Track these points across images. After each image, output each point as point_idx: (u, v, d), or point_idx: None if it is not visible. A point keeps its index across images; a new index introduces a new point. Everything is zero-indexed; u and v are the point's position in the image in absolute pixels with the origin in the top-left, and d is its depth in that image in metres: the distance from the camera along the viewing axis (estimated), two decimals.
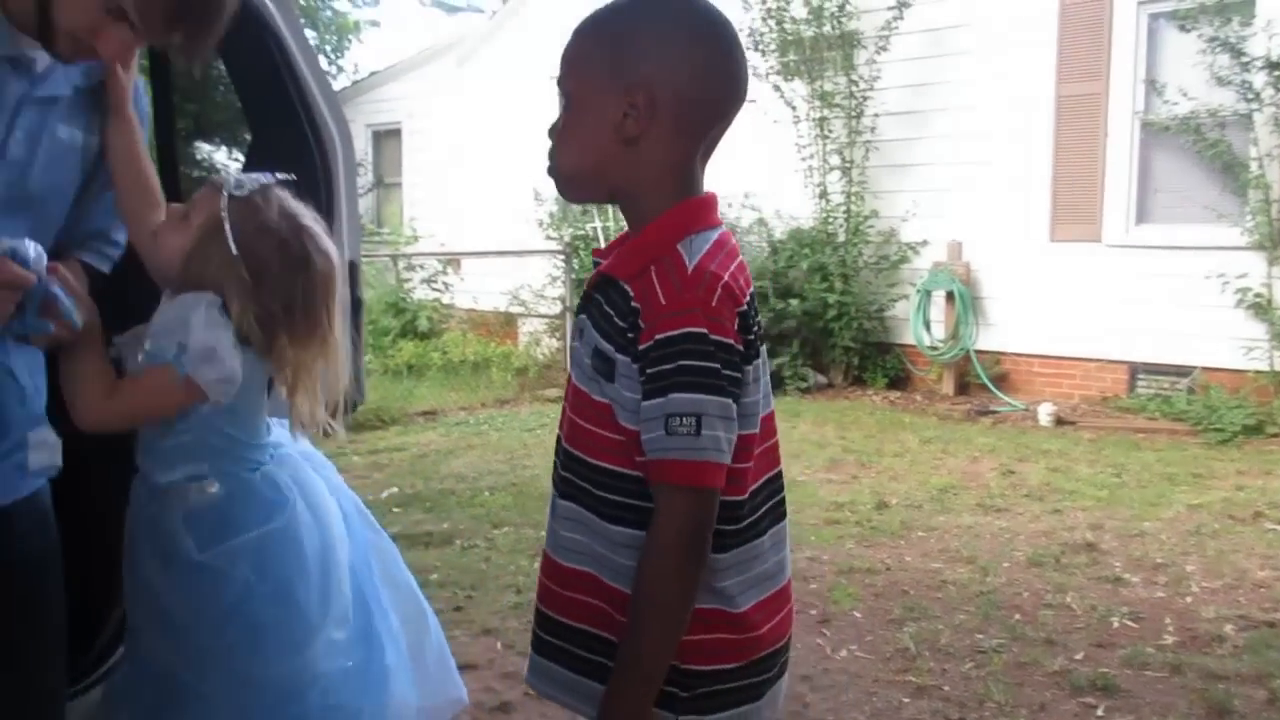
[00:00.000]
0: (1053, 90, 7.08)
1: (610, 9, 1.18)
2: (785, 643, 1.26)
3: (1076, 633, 3.27)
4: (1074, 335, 7.08)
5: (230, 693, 1.53)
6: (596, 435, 1.17)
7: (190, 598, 1.52)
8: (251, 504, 1.55)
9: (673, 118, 1.14)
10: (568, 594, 1.21)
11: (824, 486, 5.10)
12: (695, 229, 1.15)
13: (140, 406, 1.49)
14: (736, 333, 1.11)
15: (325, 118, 2.08)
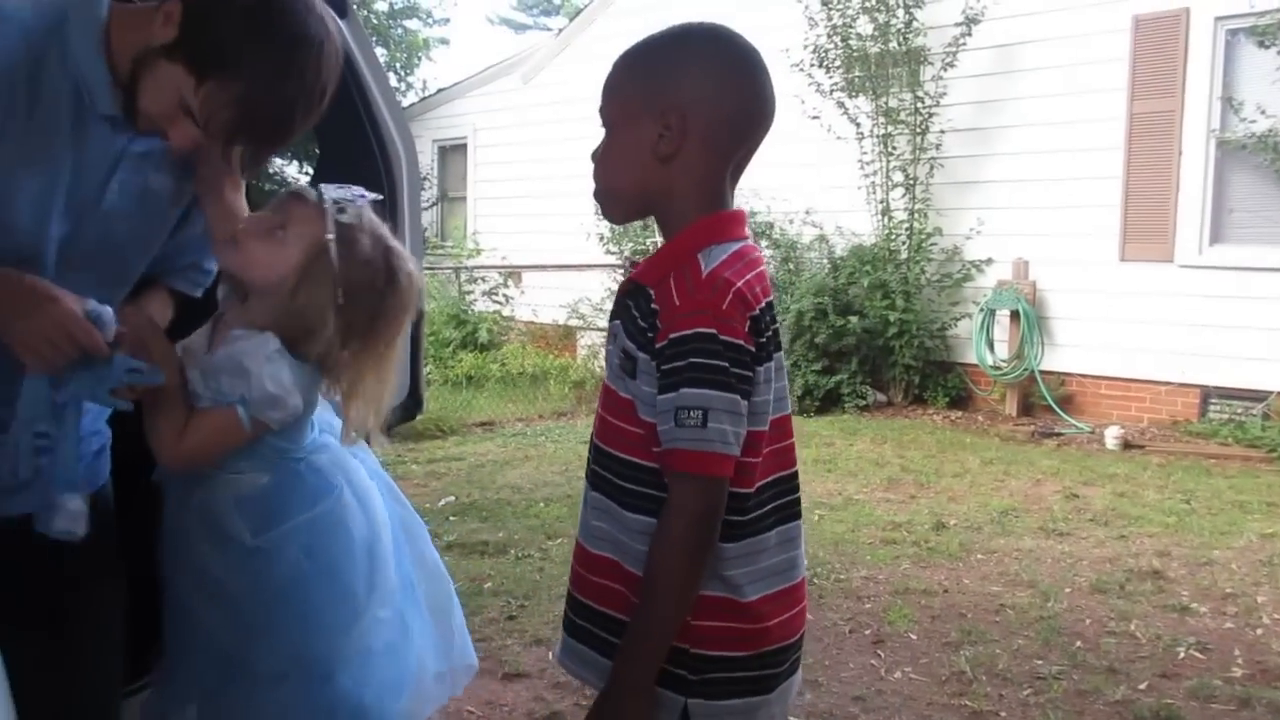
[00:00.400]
0: (1125, 107, 6.95)
1: (646, 42, 1.28)
2: (797, 639, 1.32)
3: (1140, 662, 3.18)
4: (1143, 357, 6.91)
5: (283, 670, 1.58)
6: (620, 429, 1.25)
7: (244, 579, 1.57)
8: (299, 490, 1.60)
9: (703, 137, 1.23)
10: (594, 578, 1.29)
11: (881, 505, 5.04)
12: (716, 240, 1.23)
13: (211, 445, 1.53)
14: (747, 334, 1.18)
15: (391, 133, 2.13)
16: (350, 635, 1.61)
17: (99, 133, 1.43)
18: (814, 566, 4.05)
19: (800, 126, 8.08)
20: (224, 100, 1.35)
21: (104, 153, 1.44)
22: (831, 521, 4.73)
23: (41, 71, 1.37)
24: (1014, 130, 7.44)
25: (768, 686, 1.27)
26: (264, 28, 1.37)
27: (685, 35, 1.27)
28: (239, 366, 1.51)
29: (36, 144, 1.38)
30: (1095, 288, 7.14)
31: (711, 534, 1.19)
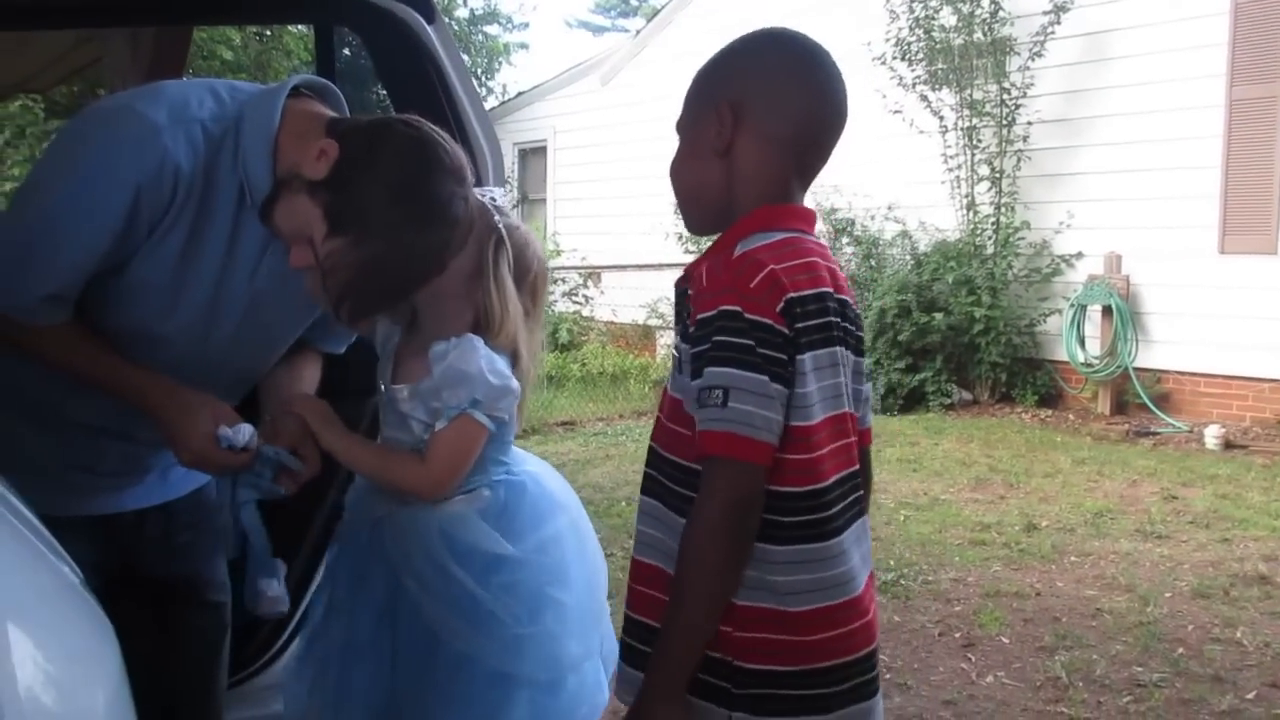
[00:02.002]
0: (1224, 94, 6.68)
1: (716, 52, 1.28)
2: (859, 658, 1.21)
3: (1248, 670, 3.06)
4: (1245, 353, 6.63)
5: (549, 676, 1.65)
6: (671, 430, 1.22)
7: (502, 591, 1.62)
8: (528, 503, 1.70)
9: (758, 129, 1.21)
10: (644, 590, 1.23)
11: (969, 506, 4.94)
12: (762, 229, 1.19)
13: (460, 457, 1.62)
14: (779, 315, 1.12)
15: (478, 137, 2.16)
16: (597, 632, 1.70)
17: (253, 224, 1.48)
18: (900, 568, 3.98)
19: (882, 121, 7.97)
20: (348, 261, 1.40)
21: (256, 241, 1.50)
22: (918, 522, 4.65)
23: (215, 171, 1.43)
24: (1105, 120, 7.21)
25: (823, 706, 1.18)
26: (407, 206, 1.39)
27: (748, 37, 1.27)
28: (459, 374, 1.58)
29: (203, 229, 1.45)
30: (1192, 282, 6.87)
31: (743, 524, 1.12)
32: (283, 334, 1.64)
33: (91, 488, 1.59)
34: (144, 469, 1.63)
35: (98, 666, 0.73)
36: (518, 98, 13.16)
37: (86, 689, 0.70)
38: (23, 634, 0.66)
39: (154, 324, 1.48)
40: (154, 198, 1.38)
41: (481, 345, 1.61)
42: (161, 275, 1.44)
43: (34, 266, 1.38)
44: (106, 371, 1.46)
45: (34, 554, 0.85)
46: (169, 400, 1.47)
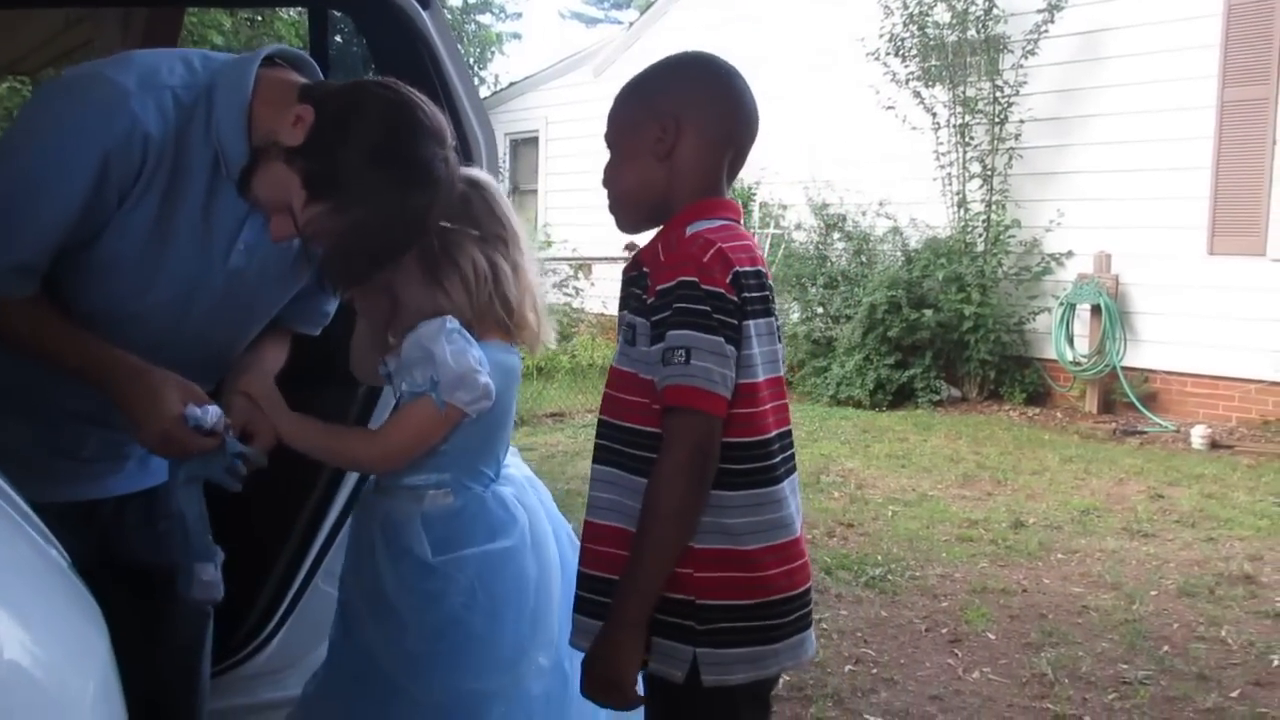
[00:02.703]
0: (1216, 95, 6.69)
1: (640, 74, 1.44)
2: (800, 593, 1.37)
3: (1232, 669, 3.07)
4: (1233, 354, 6.66)
5: (437, 700, 1.59)
6: (625, 401, 1.35)
7: (416, 599, 1.59)
8: (482, 519, 1.64)
9: (697, 135, 1.37)
10: (601, 549, 1.35)
11: (956, 502, 4.95)
12: (704, 217, 1.35)
13: (412, 440, 1.59)
14: (729, 285, 1.27)
15: (473, 125, 2.14)
16: (510, 675, 1.61)
17: (229, 196, 1.46)
18: (888, 563, 3.99)
19: (874, 117, 7.97)
20: (329, 226, 1.38)
21: (232, 215, 1.48)
22: (905, 518, 4.65)
23: (187, 138, 1.41)
24: (1097, 119, 7.23)
25: (774, 637, 1.33)
26: (387, 169, 1.37)
27: (671, 62, 1.44)
28: (424, 352, 1.55)
29: (175, 200, 1.42)
30: (1181, 282, 6.90)
31: (703, 469, 1.26)
32: (260, 312, 1.62)
33: (73, 474, 1.57)
34: (124, 455, 1.62)
35: (87, 651, 0.72)
36: (510, 88, 13.12)
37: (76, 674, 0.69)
38: (11, 618, 0.65)
39: (128, 301, 1.45)
40: (123, 164, 1.36)
41: (451, 325, 1.56)
42: (133, 248, 1.42)
43: (2, 234, 1.36)
44: (73, 349, 1.42)
45: (22, 537, 0.84)
46: (136, 379, 1.44)
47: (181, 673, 1.76)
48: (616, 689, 1.29)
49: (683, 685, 1.29)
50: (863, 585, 3.76)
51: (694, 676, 1.29)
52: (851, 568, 3.92)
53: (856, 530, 4.45)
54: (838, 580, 3.81)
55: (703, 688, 1.29)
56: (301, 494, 2.19)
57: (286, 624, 2.16)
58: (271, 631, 2.17)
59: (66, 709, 0.64)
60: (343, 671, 1.67)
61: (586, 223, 11.03)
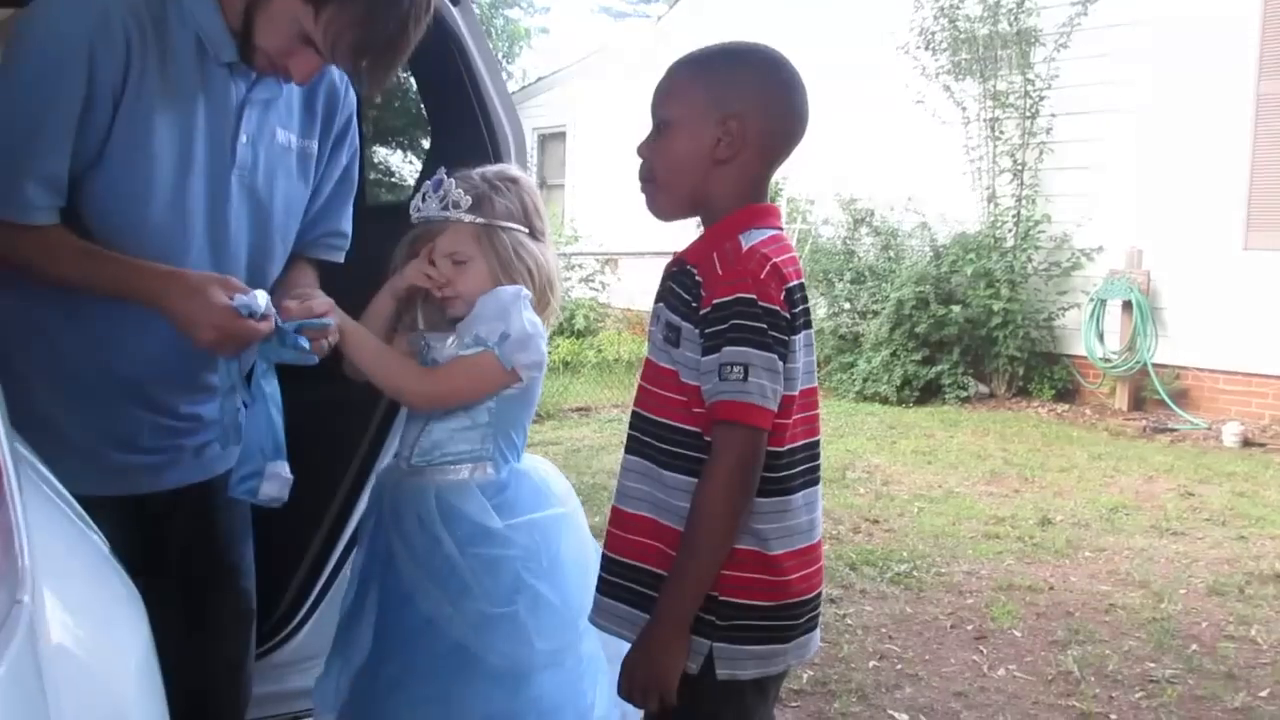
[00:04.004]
0: (1252, 88, 6.60)
1: (705, 54, 1.42)
2: (814, 596, 1.41)
3: (1262, 668, 3.04)
4: (1266, 350, 6.57)
5: (507, 662, 1.63)
6: (662, 397, 1.37)
7: (481, 564, 1.64)
8: (528, 488, 1.72)
9: (758, 146, 1.38)
10: (630, 537, 1.39)
11: (983, 499, 4.93)
12: (755, 225, 1.37)
13: (465, 387, 1.68)
14: (783, 302, 1.31)
15: (502, 122, 2.16)
16: (571, 634, 1.66)
17: (221, 82, 1.50)
18: (913, 559, 3.98)
19: (904, 112, 7.92)
20: (345, 23, 1.42)
21: (227, 102, 1.52)
22: (931, 514, 4.64)
23: (164, 25, 1.45)
24: (1129, 113, 7.14)
25: (786, 637, 1.38)
26: None
27: (741, 52, 1.42)
28: (501, 308, 1.65)
29: (172, 90, 1.46)
30: (1215, 277, 6.81)
31: (751, 481, 1.30)
32: (278, 217, 1.63)
33: (126, 466, 1.58)
34: (180, 446, 1.63)
35: (128, 633, 0.75)
36: (538, 82, 13.16)
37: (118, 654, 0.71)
38: (56, 598, 0.67)
39: (150, 213, 1.47)
40: (108, 54, 1.39)
41: (527, 294, 1.68)
42: (144, 152, 1.44)
43: (15, 153, 1.39)
44: (103, 270, 1.44)
45: (66, 520, 0.86)
46: (173, 281, 1.45)
47: (228, 670, 1.78)
48: (665, 688, 1.32)
49: (695, 676, 1.33)
50: (888, 581, 3.76)
51: (708, 669, 1.33)
52: (877, 563, 3.92)
53: (882, 526, 4.44)
54: (862, 576, 3.81)
55: (715, 681, 1.33)
56: (333, 481, 2.22)
57: (316, 612, 2.20)
58: (302, 620, 2.20)
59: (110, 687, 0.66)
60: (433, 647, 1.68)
61: (613, 218, 11.05)
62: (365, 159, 7.49)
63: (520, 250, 1.72)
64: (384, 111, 12.25)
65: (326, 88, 1.67)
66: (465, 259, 1.70)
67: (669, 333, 1.35)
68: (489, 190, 1.72)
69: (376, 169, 13.73)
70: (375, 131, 12.64)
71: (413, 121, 12.13)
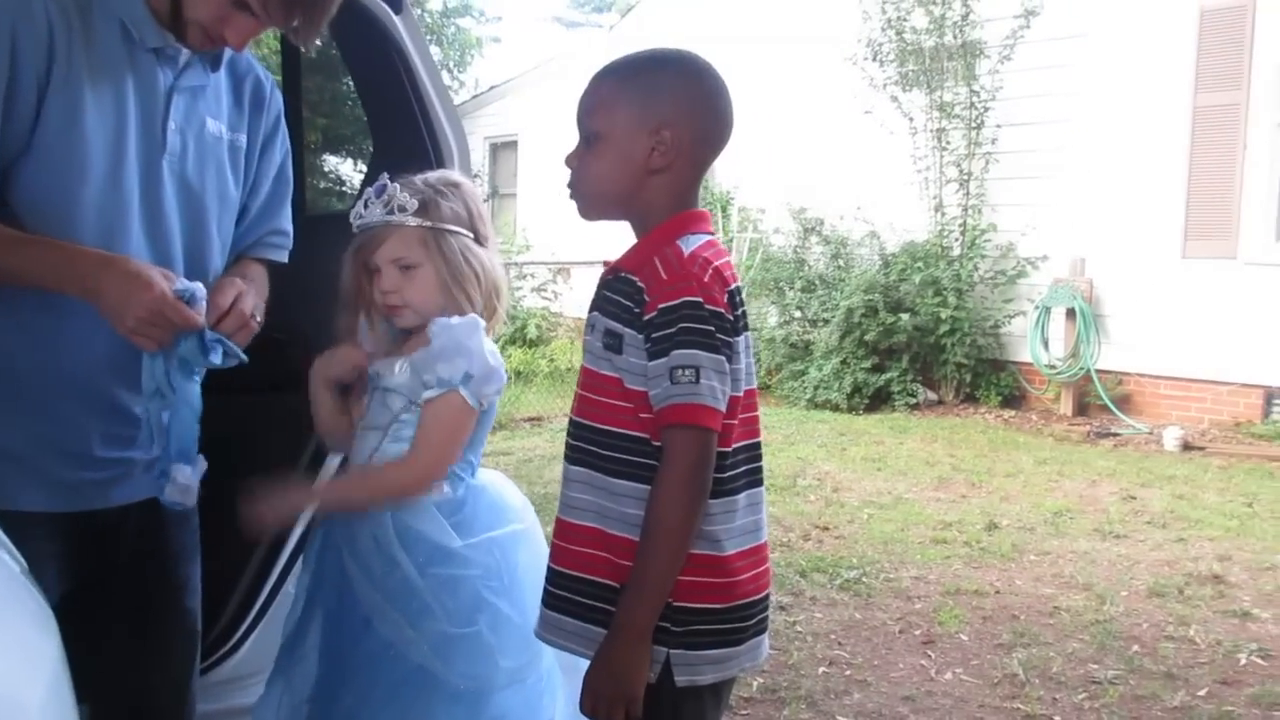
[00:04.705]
0: (1189, 100, 6.78)
1: (630, 64, 1.43)
2: (763, 597, 1.41)
3: (1200, 668, 3.11)
4: (1205, 357, 6.74)
5: (470, 682, 1.60)
6: (606, 404, 1.37)
7: (440, 584, 1.60)
8: (485, 505, 1.69)
9: (690, 153, 1.39)
10: (576, 549, 1.38)
11: (931, 505, 4.98)
12: (691, 231, 1.38)
13: (450, 439, 1.64)
14: (726, 304, 1.32)
15: (445, 130, 2.15)
16: (532, 651, 1.62)
17: (148, 68, 1.49)
18: (863, 566, 4.02)
19: (852, 122, 8.01)
20: None
21: (155, 89, 1.50)
22: (881, 520, 4.68)
23: (88, 12, 1.44)
24: (1071, 124, 7.30)
25: (738, 639, 1.37)
26: None
27: (666, 60, 1.43)
28: (459, 346, 1.61)
29: (100, 75, 1.44)
30: (1155, 285, 6.98)
31: (706, 483, 1.30)
32: (212, 207, 1.60)
33: (76, 481, 1.54)
34: (130, 460, 1.58)
35: (35, 658, 0.72)
36: (490, 91, 13.11)
37: (22, 681, 0.69)
38: None
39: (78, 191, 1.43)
40: (29, 38, 1.38)
41: (482, 325, 1.66)
42: (72, 135, 1.42)
43: None
44: (33, 255, 1.40)
45: None
46: (114, 264, 1.41)
47: (172, 689, 1.74)
48: (632, 700, 1.31)
49: (654, 685, 1.32)
50: (838, 588, 3.78)
51: (666, 677, 1.32)
52: (827, 570, 3.94)
53: (832, 533, 4.48)
54: (813, 583, 3.83)
55: (674, 688, 1.32)
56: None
57: (257, 629, 2.16)
58: (242, 636, 2.16)
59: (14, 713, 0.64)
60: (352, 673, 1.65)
61: (565, 227, 11.04)
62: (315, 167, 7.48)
63: (468, 255, 1.69)
64: (334, 119, 12.14)
65: (252, 82, 1.66)
66: (412, 264, 1.66)
67: (609, 340, 1.35)
68: (434, 194, 1.69)
69: (327, 177, 13.60)
70: (325, 139, 12.52)
71: (363, 129, 12.02)
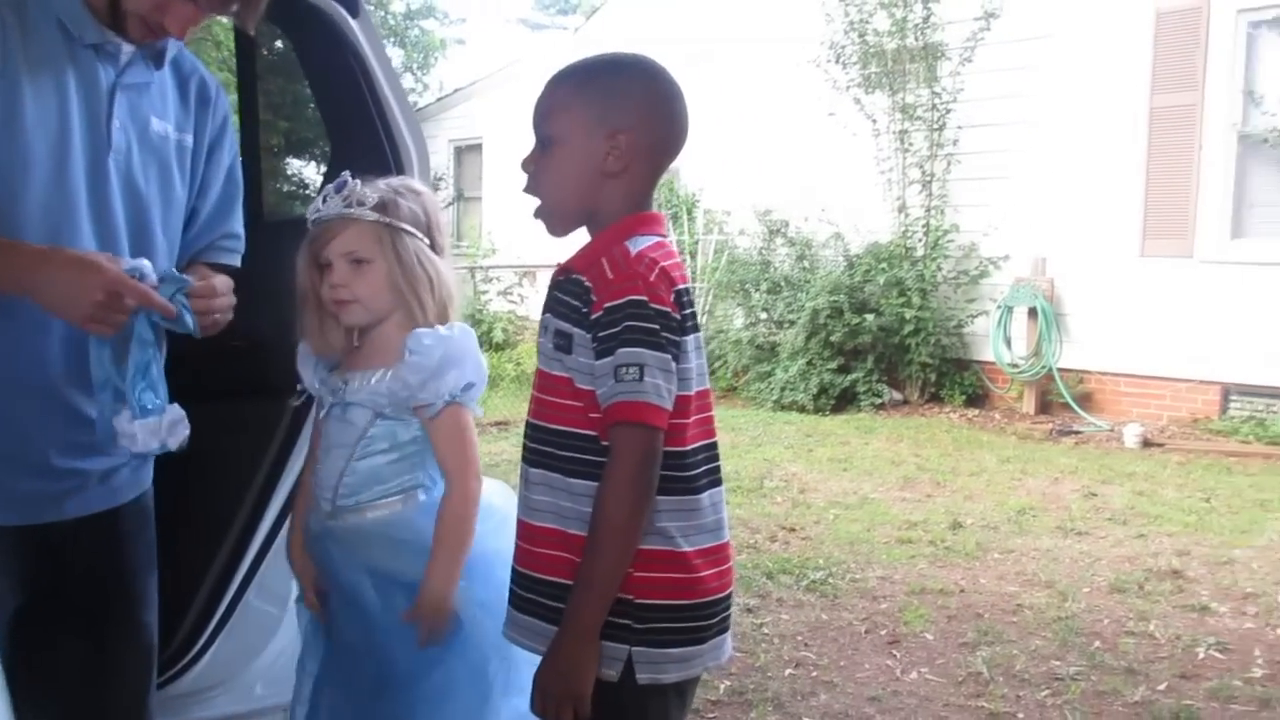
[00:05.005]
0: (1146, 101, 6.88)
1: (585, 68, 1.44)
2: (726, 596, 1.41)
3: (1160, 663, 3.15)
4: (1163, 354, 6.85)
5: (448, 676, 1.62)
6: (558, 405, 1.38)
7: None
8: None
9: (646, 157, 1.40)
10: (538, 550, 1.38)
11: (897, 504, 5.02)
12: (640, 232, 1.38)
13: (472, 453, 1.65)
14: (673, 304, 1.33)
15: (404, 134, 2.13)
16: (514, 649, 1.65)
17: (89, 65, 1.47)
18: (829, 566, 4.03)
19: (816, 124, 8.06)
20: None
21: (97, 86, 1.48)
22: (847, 521, 4.71)
23: (24, 9, 1.41)
24: (1032, 125, 7.38)
25: (701, 638, 1.37)
26: None
27: (621, 64, 1.44)
28: (461, 354, 1.63)
29: (40, 72, 1.42)
30: (1114, 284, 7.08)
31: (651, 480, 1.30)
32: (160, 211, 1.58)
33: (30, 493, 1.50)
34: (85, 472, 1.55)
35: None
36: (454, 94, 13.04)
37: None
38: None
39: (21, 188, 1.41)
40: None
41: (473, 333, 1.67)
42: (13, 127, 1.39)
43: None
44: None
45: None
46: (55, 254, 1.38)
47: (129, 705, 1.71)
48: (579, 699, 1.31)
49: (616, 684, 1.32)
50: (804, 589, 3.80)
51: (628, 675, 1.32)
52: (793, 571, 3.96)
53: (798, 534, 4.49)
54: (779, 584, 3.84)
55: (636, 686, 1.32)
56: (233, 506, 2.16)
57: (216, 642, 2.13)
58: (201, 649, 2.13)
59: None
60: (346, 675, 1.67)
61: (531, 230, 10.98)
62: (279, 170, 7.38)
63: (422, 257, 1.67)
64: (296, 122, 12.01)
65: (198, 82, 1.64)
66: (365, 259, 1.64)
67: (560, 340, 1.37)
68: (393, 194, 1.68)
69: (290, 180, 13.45)
70: (288, 142, 12.39)
71: (325, 134, 11.91)
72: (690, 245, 8.79)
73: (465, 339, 1.65)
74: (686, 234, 8.78)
